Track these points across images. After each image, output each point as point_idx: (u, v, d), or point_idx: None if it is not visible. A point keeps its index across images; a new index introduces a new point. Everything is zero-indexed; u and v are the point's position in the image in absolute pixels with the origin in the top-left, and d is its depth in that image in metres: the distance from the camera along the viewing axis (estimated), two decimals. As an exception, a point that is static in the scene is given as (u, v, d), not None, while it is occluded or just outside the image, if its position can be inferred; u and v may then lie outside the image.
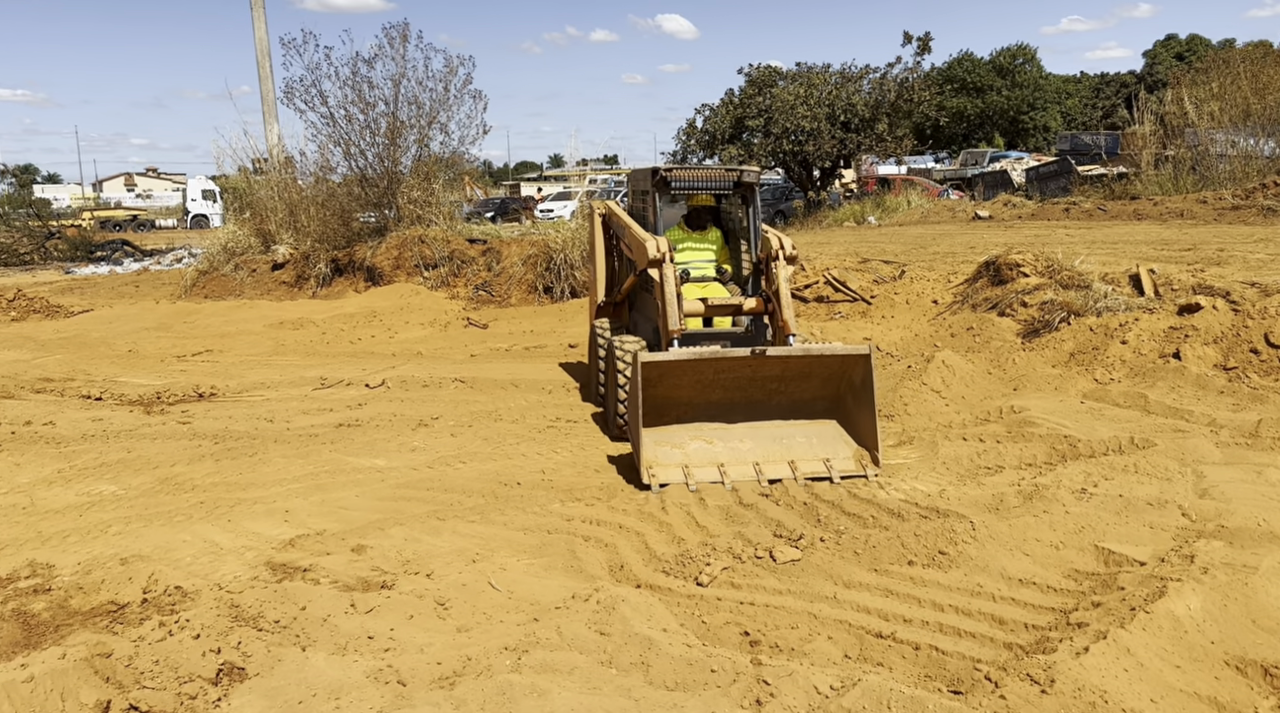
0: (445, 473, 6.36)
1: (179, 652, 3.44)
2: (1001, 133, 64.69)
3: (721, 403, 6.29)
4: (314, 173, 17.82)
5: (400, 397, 8.91)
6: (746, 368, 6.13)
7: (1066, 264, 10.42)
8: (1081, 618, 3.83)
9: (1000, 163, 39.02)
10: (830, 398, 6.36)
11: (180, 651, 3.45)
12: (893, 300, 11.58)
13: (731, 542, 4.88)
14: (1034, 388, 8.00)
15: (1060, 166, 28.12)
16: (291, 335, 13.13)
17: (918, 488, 5.67)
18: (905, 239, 18.07)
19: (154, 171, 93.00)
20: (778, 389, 6.30)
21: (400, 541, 4.99)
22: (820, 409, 6.35)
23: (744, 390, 6.27)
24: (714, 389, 6.24)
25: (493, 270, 15.39)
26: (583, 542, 5.00)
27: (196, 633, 3.56)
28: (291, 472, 6.43)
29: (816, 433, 6.29)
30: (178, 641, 3.54)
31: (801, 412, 6.33)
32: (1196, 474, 5.54)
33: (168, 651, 3.45)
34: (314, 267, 16.63)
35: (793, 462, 6.08)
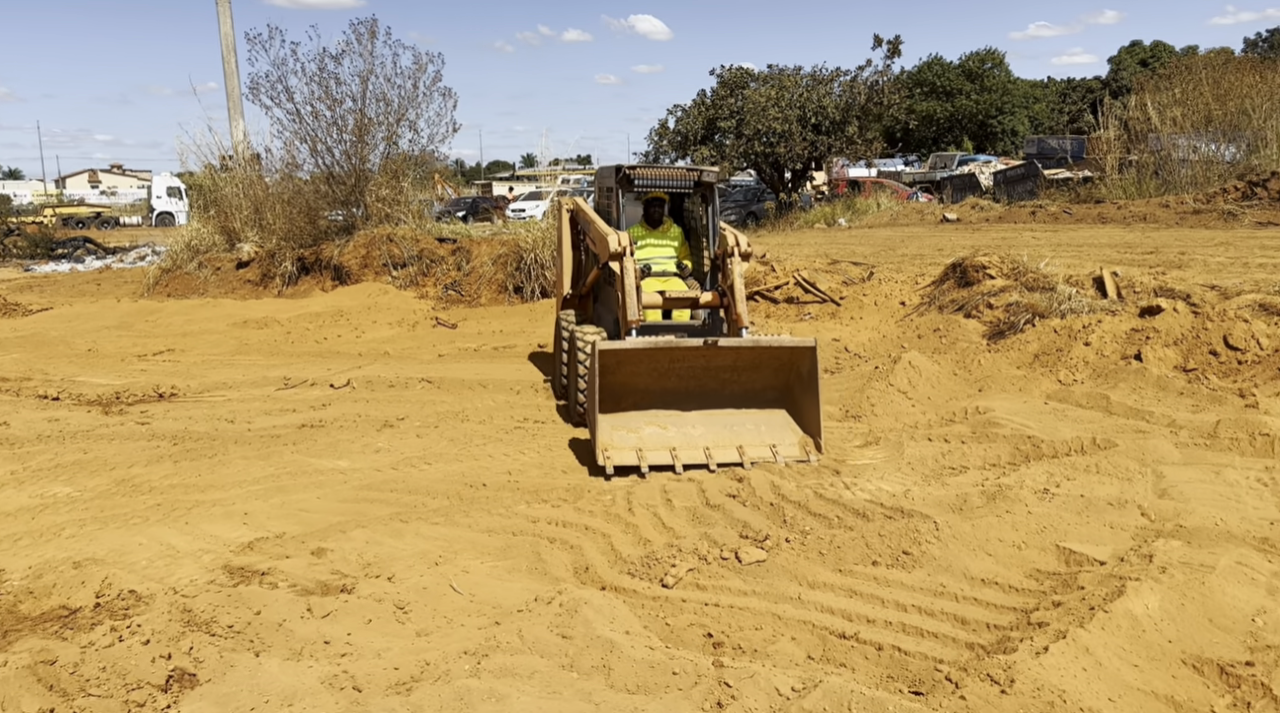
0: (409, 474, 6.29)
1: (128, 658, 3.36)
2: (970, 136, 65.38)
3: (677, 391, 6.59)
4: (280, 170, 17.62)
5: (366, 397, 8.81)
6: (700, 358, 6.45)
7: (1032, 267, 10.53)
8: (1042, 618, 3.84)
9: (968, 166, 39.42)
10: (779, 387, 6.71)
11: (129, 657, 3.37)
12: (861, 302, 11.64)
13: (698, 543, 4.86)
14: (999, 389, 8.06)
15: (1027, 170, 28.42)
16: (255, 335, 12.96)
17: (883, 488, 5.68)
18: (874, 241, 18.19)
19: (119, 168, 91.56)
20: (730, 379, 6.63)
21: (361, 543, 4.92)
22: (770, 398, 6.70)
23: (698, 379, 6.59)
24: (669, 378, 6.55)
25: (462, 270, 15.28)
26: (548, 544, 4.96)
27: (147, 639, 3.48)
28: (252, 473, 6.33)
29: (765, 420, 6.64)
30: (127, 647, 3.46)
31: (752, 400, 6.67)
32: (1156, 474, 5.59)
33: (116, 657, 3.36)
34: (279, 265, 16.43)
35: (741, 447, 6.41)
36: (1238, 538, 4.49)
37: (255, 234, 17.51)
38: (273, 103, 16.52)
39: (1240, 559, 4.16)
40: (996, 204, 24.77)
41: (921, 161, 55.41)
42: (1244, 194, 18.22)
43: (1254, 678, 3.39)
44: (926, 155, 56.74)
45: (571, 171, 43.73)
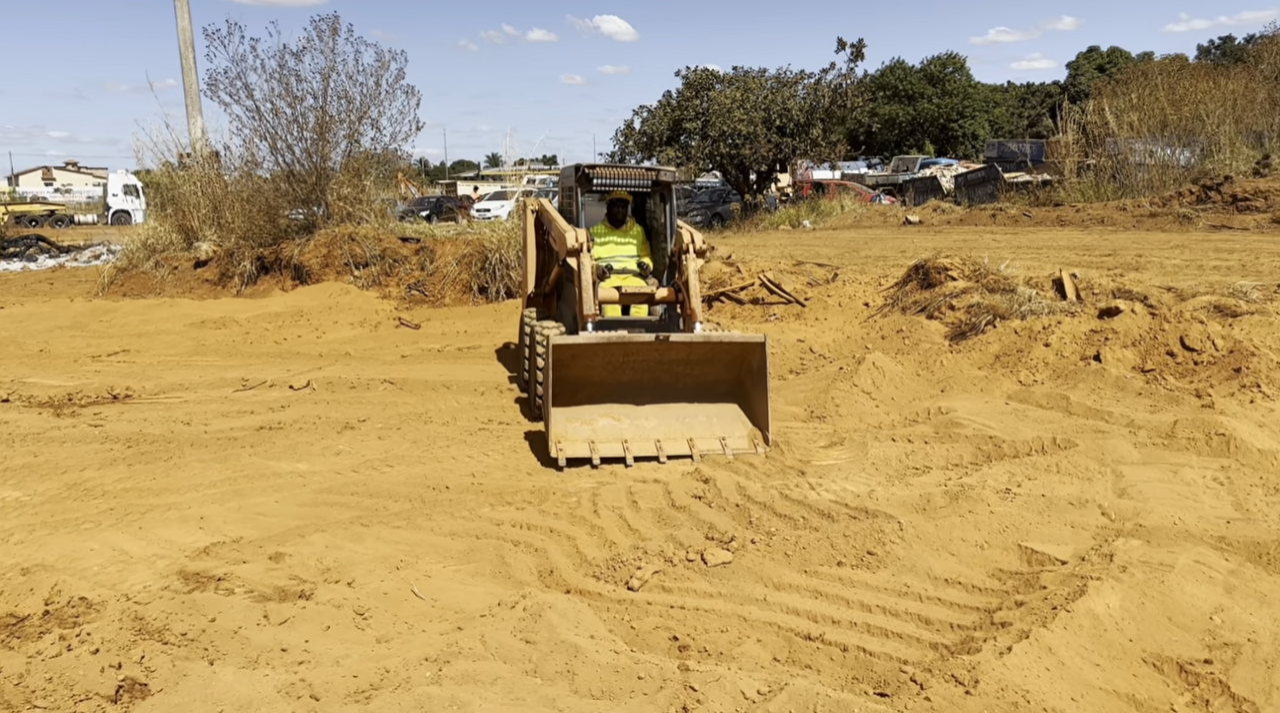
0: (371, 477, 6.19)
1: (76, 668, 3.26)
2: (932, 140, 66.06)
3: (631, 384, 6.73)
4: (239, 168, 17.34)
5: (326, 399, 8.69)
6: (654, 352, 6.59)
7: (993, 269, 10.64)
8: (1005, 617, 3.86)
9: (930, 169, 39.81)
10: (731, 382, 6.86)
11: (78, 667, 3.27)
12: (826, 303, 11.69)
13: (663, 544, 4.83)
14: (961, 389, 8.12)
15: (988, 173, 28.78)
16: (213, 335, 12.74)
17: (848, 489, 5.69)
18: (838, 243, 18.31)
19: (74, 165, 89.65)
20: (683, 372, 6.78)
21: (321, 548, 4.83)
22: (721, 392, 6.86)
23: (652, 373, 6.72)
24: (624, 371, 6.68)
25: (426, 270, 15.13)
26: (512, 547, 4.90)
27: (97, 648, 3.38)
28: (208, 477, 6.20)
29: (717, 413, 6.81)
30: (76, 656, 3.35)
31: (704, 394, 6.83)
32: (1116, 474, 5.65)
33: (64, 667, 3.26)
34: (238, 264, 16.17)
35: (691, 440, 6.60)
36: (1196, 537, 4.55)
37: (213, 233, 17.21)
38: (232, 100, 16.29)
39: (1198, 558, 4.21)
40: (958, 207, 25.07)
41: (884, 164, 55.90)
42: (1198, 198, 18.59)
43: (1212, 676, 3.43)
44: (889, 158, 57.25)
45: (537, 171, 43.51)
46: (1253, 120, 21.97)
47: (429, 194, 46.23)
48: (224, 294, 15.94)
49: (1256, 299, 8.58)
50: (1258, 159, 19.59)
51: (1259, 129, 21.96)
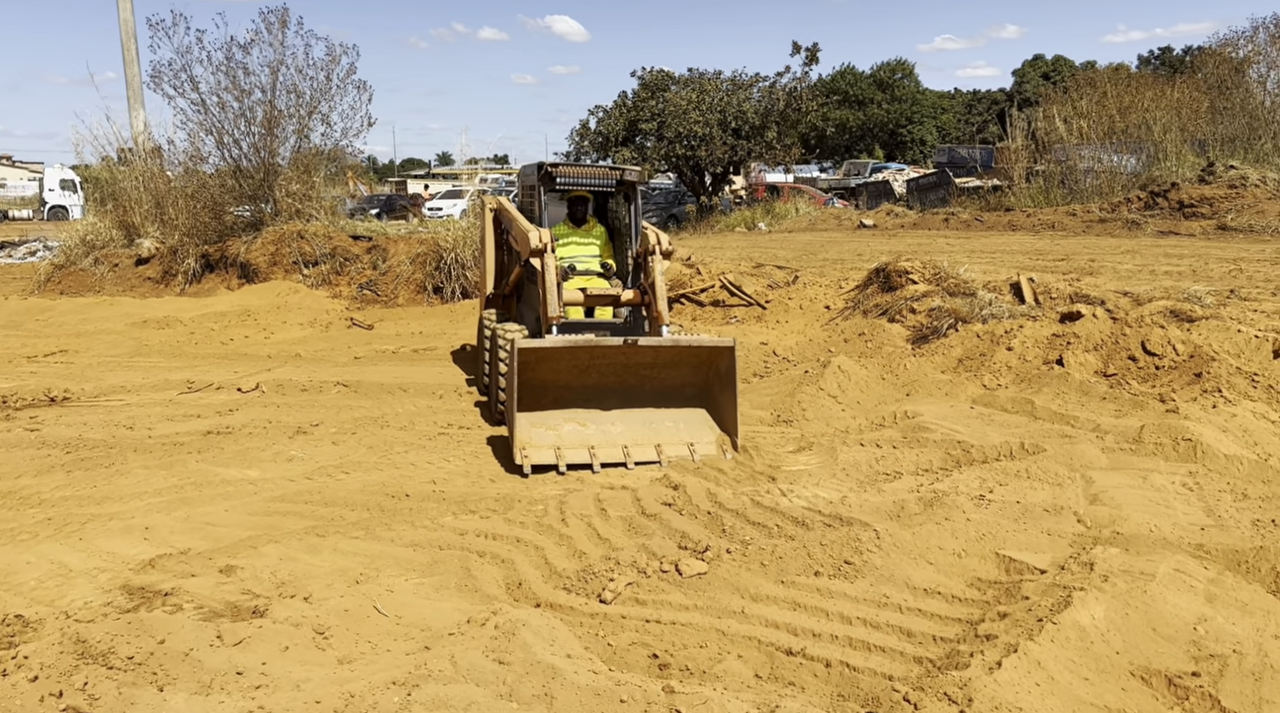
0: (326, 485, 5.95)
1: (12, 697, 3.01)
2: (881, 145, 66.95)
3: (597, 388, 6.61)
4: (183, 163, 16.78)
5: (276, 402, 8.39)
6: (620, 356, 6.49)
7: (952, 272, 10.66)
8: (989, 629, 3.78)
9: (882, 173, 40.20)
10: (698, 386, 6.77)
11: (14, 696, 3.02)
12: (787, 305, 11.64)
13: (635, 555, 4.68)
14: (925, 393, 8.09)
15: (939, 178, 29.11)
16: (156, 335, 12.29)
17: (820, 495, 5.60)
18: (795, 246, 18.32)
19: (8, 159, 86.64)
20: (650, 376, 6.67)
21: (275, 560, 4.60)
22: (689, 396, 6.76)
23: (619, 377, 6.61)
24: (590, 375, 6.56)
25: (378, 269, 14.79)
26: (477, 558, 4.72)
27: (35, 674, 3.13)
28: (153, 484, 5.91)
29: (684, 418, 6.71)
30: (12, 683, 3.09)
31: (672, 399, 6.73)
32: (1086, 480, 5.63)
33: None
34: (182, 262, 15.66)
35: (659, 445, 6.48)
36: (1173, 544, 4.52)
37: (156, 229, 16.65)
38: (176, 93, 15.75)
39: (1178, 566, 4.17)
40: (910, 211, 25.31)
41: (836, 168, 56.41)
42: (1146, 204, 18.96)
43: (1201, 689, 3.37)
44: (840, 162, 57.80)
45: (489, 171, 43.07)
46: (1197, 128, 22.48)
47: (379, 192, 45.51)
48: (167, 293, 15.43)
49: (1210, 304, 8.69)
50: (1202, 166, 20.04)
51: (1203, 137, 22.48)
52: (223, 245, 15.65)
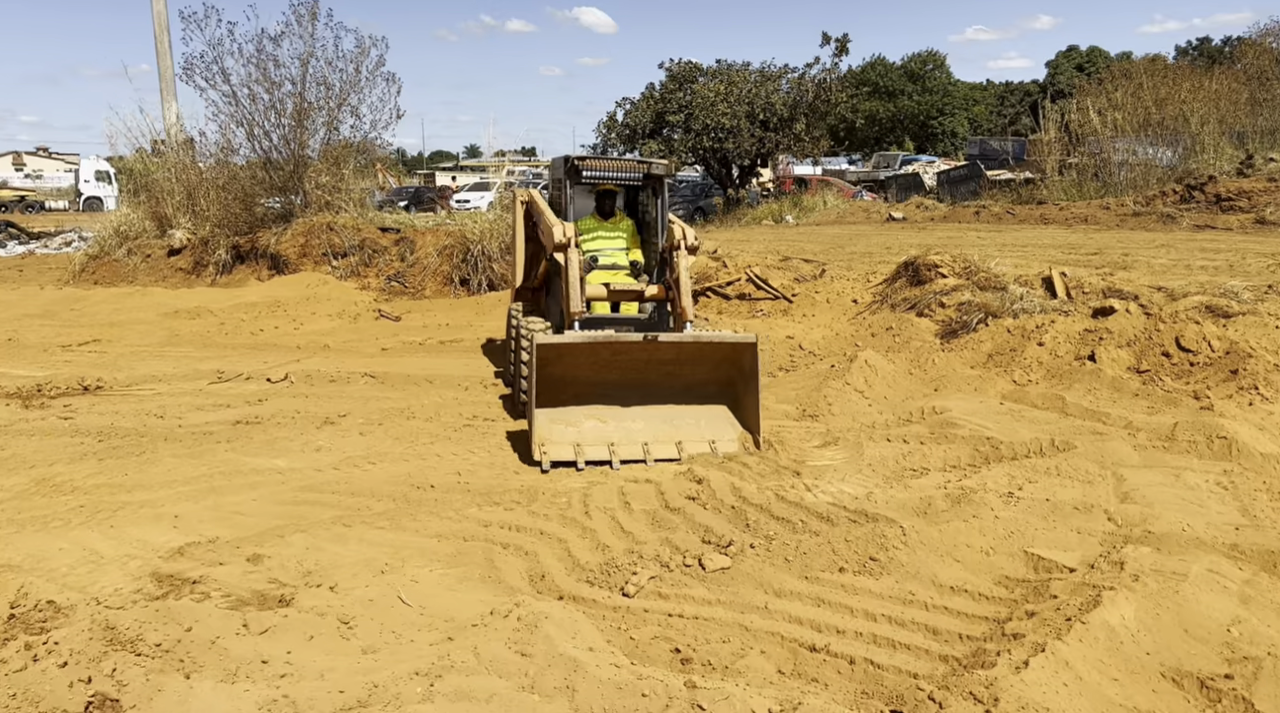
0: (352, 475, 5.99)
1: (42, 682, 3.05)
2: (911, 137, 66.26)
3: (619, 384, 6.55)
4: (215, 154, 16.96)
5: (304, 392, 8.45)
6: (642, 352, 6.43)
7: (983, 266, 10.53)
8: (1017, 628, 3.73)
9: (912, 166, 39.85)
10: (720, 382, 6.70)
11: (44, 681, 3.06)
12: (814, 299, 11.57)
13: (659, 549, 4.68)
14: (954, 388, 8.02)
15: (970, 171, 28.80)
16: (187, 325, 12.43)
17: (845, 490, 5.56)
18: (823, 238, 18.20)
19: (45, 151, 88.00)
20: (672, 372, 6.61)
21: (301, 549, 4.64)
22: (710, 393, 6.66)
23: (640, 373, 6.55)
24: (611, 371, 6.51)
25: (406, 261, 14.87)
26: (501, 550, 4.73)
27: (65, 660, 3.17)
28: (182, 473, 5.98)
29: (705, 415, 6.63)
30: (41, 669, 3.14)
31: (693, 395, 6.66)
32: (1117, 477, 5.56)
33: (29, 681, 3.05)
34: (213, 253, 15.83)
35: (680, 442, 6.42)
36: (1206, 544, 4.44)
37: (188, 221, 16.84)
38: (208, 85, 15.93)
39: (1211, 567, 4.10)
40: (941, 204, 25.06)
41: (864, 161, 55.97)
42: (1182, 197, 18.63)
43: (1234, 692, 3.32)
44: (869, 154, 57.34)
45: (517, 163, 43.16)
46: (1235, 120, 22.06)
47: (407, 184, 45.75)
48: (198, 283, 15.61)
49: (1248, 300, 8.52)
50: (1241, 159, 19.65)
51: (1242, 129, 22.05)
52: (253, 237, 15.80)
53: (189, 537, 4.86)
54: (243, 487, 5.73)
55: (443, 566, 4.51)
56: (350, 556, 4.58)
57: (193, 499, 5.48)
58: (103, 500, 5.47)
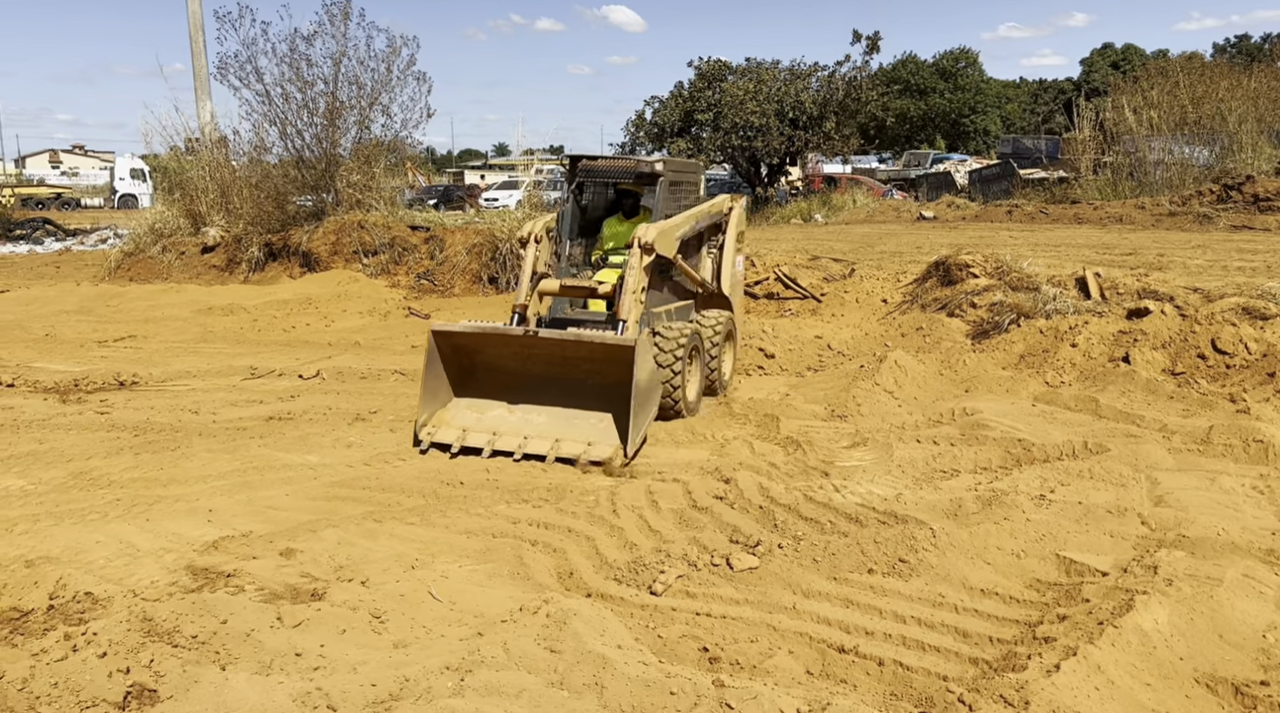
0: (383, 471, 6.06)
1: (82, 672, 3.12)
2: (943, 135, 65.73)
3: (541, 379, 6.68)
4: (248, 153, 17.17)
5: (336, 389, 8.56)
6: (521, 346, 6.60)
7: (1014, 266, 10.46)
8: (1048, 632, 3.71)
9: (943, 164, 39.55)
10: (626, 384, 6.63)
11: (84, 671, 3.13)
12: (843, 299, 11.53)
13: (686, 548, 4.69)
14: (985, 389, 7.98)
15: (1002, 169, 28.53)
16: (220, 322, 12.61)
17: (874, 492, 5.54)
18: (852, 238, 18.12)
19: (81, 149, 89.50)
20: (591, 371, 6.56)
21: (333, 544, 4.70)
22: (617, 395, 6.46)
23: (560, 369, 6.64)
24: (533, 365, 6.69)
25: (435, 259, 14.98)
26: (530, 546, 4.77)
27: (104, 651, 3.24)
28: (216, 468, 6.08)
29: (603, 418, 6.49)
30: (82, 659, 3.21)
31: (604, 395, 6.52)
32: (1151, 480, 5.51)
33: (70, 671, 3.12)
34: (246, 250, 16.03)
35: (559, 441, 6.37)
36: (1242, 549, 4.39)
37: (221, 218, 17.07)
38: (241, 84, 16.14)
39: (1246, 571, 4.06)
40: (972, 203, 24.87)
41: (895, 159, 55.61)
42: (1219, 197, 18.35)
43: (1270, 699, 3.28)
44: (900, 153, 56.97)
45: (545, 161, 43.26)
46: (1275, 119, 21.67)
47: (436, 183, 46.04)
48: (231, 281, 15.81)
49: (1287, 302, 8.40)
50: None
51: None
52: (285, 234, 15.98)
53: (223, 531, 4.94)
54: (275, 482, 5.81)
55: (472, 561, 4.55)
56: (381, 551, 4.64)
57: (227, 494, 5.57)
58: (139, 494, 5.57)
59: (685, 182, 8.04)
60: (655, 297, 7.64)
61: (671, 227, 7.27)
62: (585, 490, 5.64)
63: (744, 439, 6.89)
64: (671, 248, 7.22)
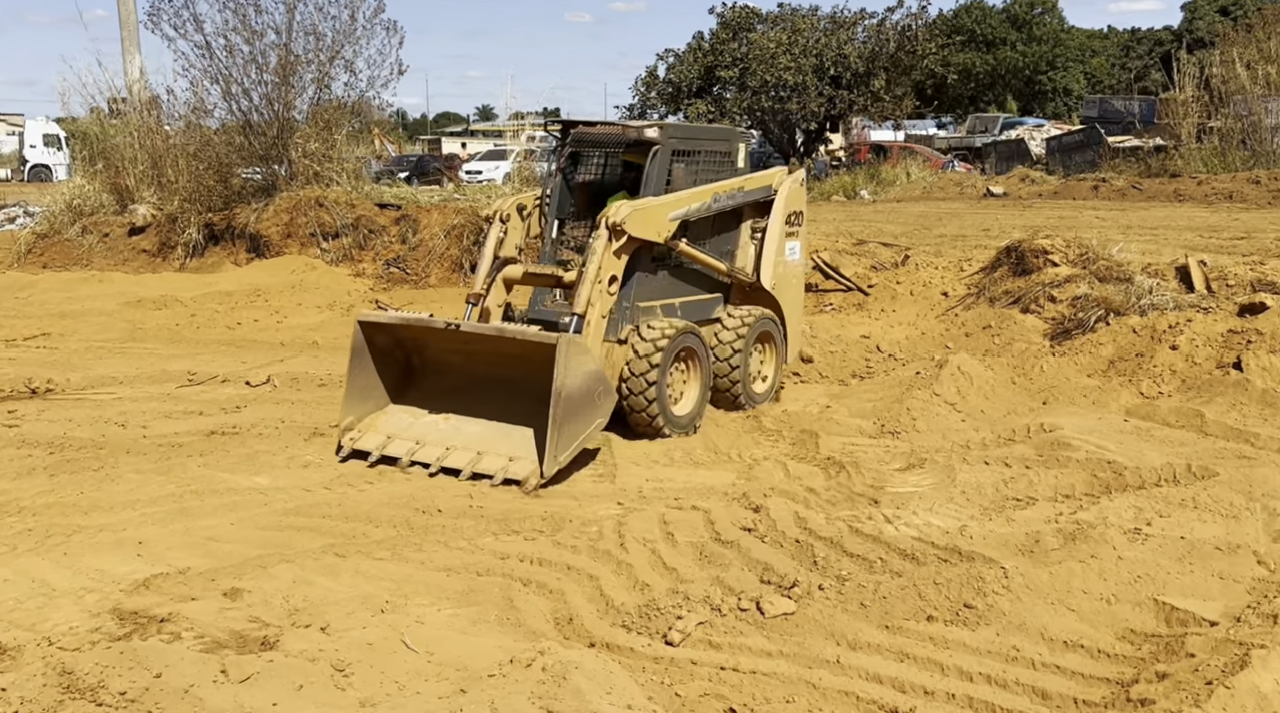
0: (346, 495, 6.11)
1: (-10, 735, 3.15)
2: (1015, 95, 65.71)
3: (487, 379, 6.91)
4: (184, 116, 17.25)
5: (290, 398, 8.62)
6: (490, 345, 6.78)
7: (1102, 252, 10.46)
8: (1144, 693, 3.72)
9: (1015, 131, 39.59)
10: None
11: (-8, 733, 3.16)
12: (894, 291, 11.56)
13: (709, 588, 4.71)
14: (1067, 401, 8.02)
15: (1087, 137, 28.57)
16: (152, 317, 12.70)
17: (933, 523, 5.57)
18: (906, 218, 18.16)
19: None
20: (528, 373, 6.46)
21: (287, 583, 4.73)
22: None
23: (508, 369, 6.76)
24: (478, 363, 6.94)
25: (408, 243, 15.05)
26: (521, 586, 4.80)
27: (14, 710, 3.27)
28: (148, 492, 6.12)
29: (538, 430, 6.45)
30: (-12, 719, 3.24)
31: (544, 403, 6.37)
32: (1269, 512, 5.52)
33: (-25, 733, 3.14)
34: (183, 233, 16.10)
35: (480, 454, 6.52)
36: (1379, 594, 4.38)
37: (153, 194, 17.14)
38: (177, 33, 16.18)
39: (1385, 622, 4.04)
40: (1050, 177, 24.91)
41: (957, 125, 55.64)
42: (1350, 170, 18.31)
43: None
44: (963, 117, 57.01)
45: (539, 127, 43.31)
46: None
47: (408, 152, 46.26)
48: (165, 268, 15.91)
49: None
50: None
51: None
52: (229, 214, 16.06)
53: (156, 567, 4.97)
54: (218, 508, 5.84)
55: (453, 604, 4.58)
56: (344, 591, 4.66)
57: (160, 523, 5.60)
58: (55, 523, 5.61)
59: (705, 151, 7.97)
60: (653, 288, 7.67)
61: (659, 206, 7.26)
62: (587, 520, 5.67)
63: (777, 459, 6.91)
64: (656, 230, 7.21)
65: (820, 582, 4.73)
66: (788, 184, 8.45)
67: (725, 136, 8.71)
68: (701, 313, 8.02)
